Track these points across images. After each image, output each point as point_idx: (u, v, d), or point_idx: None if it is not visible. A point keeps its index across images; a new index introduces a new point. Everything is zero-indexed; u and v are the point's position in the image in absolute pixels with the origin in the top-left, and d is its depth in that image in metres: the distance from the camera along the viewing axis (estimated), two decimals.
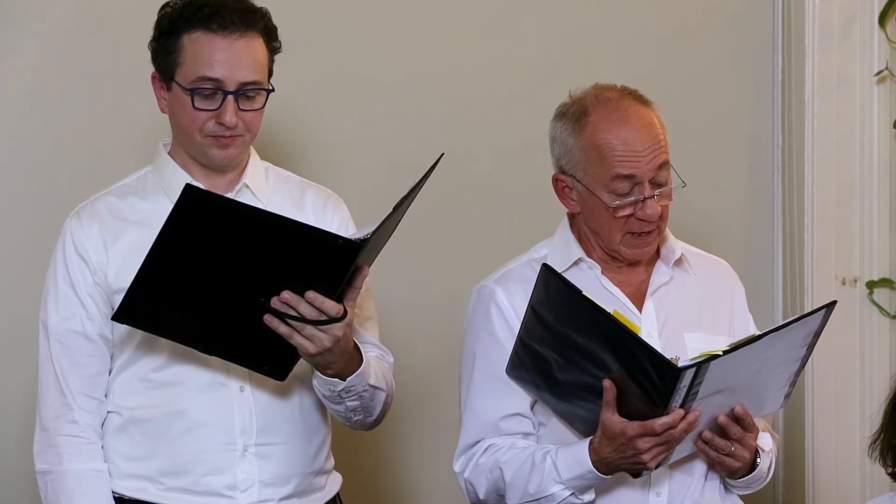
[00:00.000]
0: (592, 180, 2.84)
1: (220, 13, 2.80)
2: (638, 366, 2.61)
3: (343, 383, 2.78)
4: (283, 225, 2.61)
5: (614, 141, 2.82)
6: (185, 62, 2.81)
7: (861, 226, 3.95)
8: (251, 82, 2.82)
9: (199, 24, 2.80)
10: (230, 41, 2.80)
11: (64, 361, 2.85)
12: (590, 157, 2.84)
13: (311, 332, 2.67)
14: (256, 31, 2.83)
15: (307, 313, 2.65)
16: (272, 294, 2.65)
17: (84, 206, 2.91)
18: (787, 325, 2.68)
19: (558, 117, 2.91)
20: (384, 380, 2.90)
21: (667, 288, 2.93)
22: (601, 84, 2.92)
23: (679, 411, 2.64)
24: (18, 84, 3.50)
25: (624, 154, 2.81)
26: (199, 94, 2.81)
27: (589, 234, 2.92)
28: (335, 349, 2.70)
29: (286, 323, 2.66)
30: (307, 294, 2.64)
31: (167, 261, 2.64)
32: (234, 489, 2.84)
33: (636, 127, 2.83)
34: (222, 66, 2.79)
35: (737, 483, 2.89)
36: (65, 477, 2.83)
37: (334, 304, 2.66)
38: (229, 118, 2.81)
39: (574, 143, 2.86)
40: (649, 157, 2.82)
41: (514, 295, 2.89)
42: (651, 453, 2.69)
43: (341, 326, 2.68)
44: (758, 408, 2.79)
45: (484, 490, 2.86)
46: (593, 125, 2.84)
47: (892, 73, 3.91)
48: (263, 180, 2.94)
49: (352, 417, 2.88)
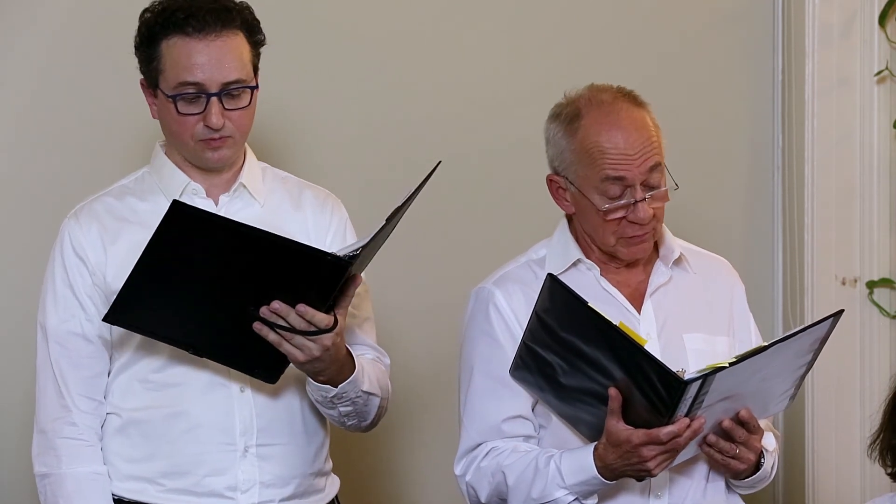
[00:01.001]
0: (584, 182, 2.83)
1: (195, 16, 2.77)
2: (643, 377, 2.60)
3: (335, 390, 2.78)
4: (271, 241, 2.61)
5: (605, 144, 2.80)
6: (165, 69, 2.80)
7: (861, 226, 3.95)
8: (233, 81, 2.79)
9: (175, 29, 2.78)
10: (207, 42, 2.78)
11: (63, 363, 2.85)
12: (581, 160, 2.83)
13: (301, 341, 2.67)
14: (234, 29, 2.81)
15: (297, 324, 2.65)
16: (262, 303, 2.64)
17: (82, 207, 2.90)
18: (795, 335, 2.68)
19: (552, 118, 2.90)
20: (378, 385, 2.89)
21: (665, 288, 2.92)
22: (596, 85, 2.90)
23: (684, 420, 2.64)
24: (17, 85, 3.49)
25: (614, 157, 2.80)
26: (183, 100, 2.79)
27: (586, 234, 2.91)
28: (325, 357, 2.70)
29: (275, 331, 2.66)
30: (297, 307, 2.64)
31: (155, 271, 2.64)
32: (234, 490, 2.84)
33: (628, 130, 2.81)
34: (202, 69, 2.77)
35: (741, 484, 2.88)
36: (64, 480, 2.83)
37: (324, 316, 2.66)
38: (215, 120, 2.79)
39: (566, 146, 2.85)
40: (640, 160, 2.80)
41: (512, 296, 2.88)
42: (656, 461, 2.68)
43: (331, 336, 2.68)
44: (762, 410, 2.78)
45: (486, 494, 2.85)
46: (585, 129, 2.83)
47: (892, 73, 3.91)
48: (260, 180, 2.93)
49: (346, 422, 2.87)
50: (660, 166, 2.84)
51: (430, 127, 3.73)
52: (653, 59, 3.88)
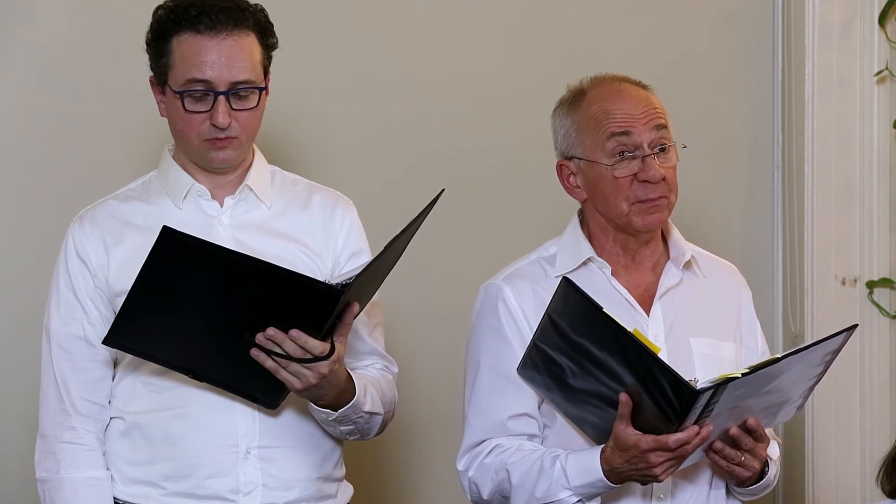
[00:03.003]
0: (591, 149, 2.84)
1: (207, 13, 2.77)
2: (655, 384, 2.60)
3: (335, 413, 2.78)
4: (261, 269, 2.59)
5: (610, 107, 2.84)
6: (175, 65, 2.79)
7: (861, 226, 3.95)
8: (242, 81, 2.78)
9: (187, 25, 2.77)
10: (218, 41, 2.77)
11: (64, 366, 2.84)
12: (586, 128, 2.85)
13: (297, 369, 2.66)
14: (247, 29, 2.80)
15: (291, 351, 2.64)
16: (258, 329, 2.63)
17: (87, 211, 2.90)
18: (808, 348, 2.68)
19: (556, 107, 2.93)
20: (382, 401, 2.88)
21: (675, 291, 2.92)
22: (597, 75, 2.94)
23: (693, 428, 2.64)
24: (21, 87, 3.49)
25: (618, 116, 2.83)
26: (191, 97, 2.78)
27: (601, 225, 2.90)
28: (323, 385, 2.70)
29: (272, 358, 2.65)
30: (290, 332, 2.63)
31: (150, 296, 2.64)
32: (236, 492, 2.82)
33: (632, 96, 2.85)
34: (211, 67, 2.76)
35: (743, 491, 2.88)
36: (62, 485, 2.82)
37: (319, 343, 2.65)
38: (221, 119, 2.78)
39: (570, 123, 2.87)
40: (645, 119, 2.83)
41: (521, 293, 2.87)
42: (663, 467, 2.68)
43: (327, 364, 2.66)
44: (770, 420, 2.79)
45: (488, 491, 2.85)
46: (589, 100, 2.86)
47: (892, 73, 3.91)
48: (268, 183, 2.92)
49: (348, 437, 2.88)
50: (666, 128, 2.85)
51: (437, 129, 3.73)
52: (653, 59, 3.87)
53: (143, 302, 2.64)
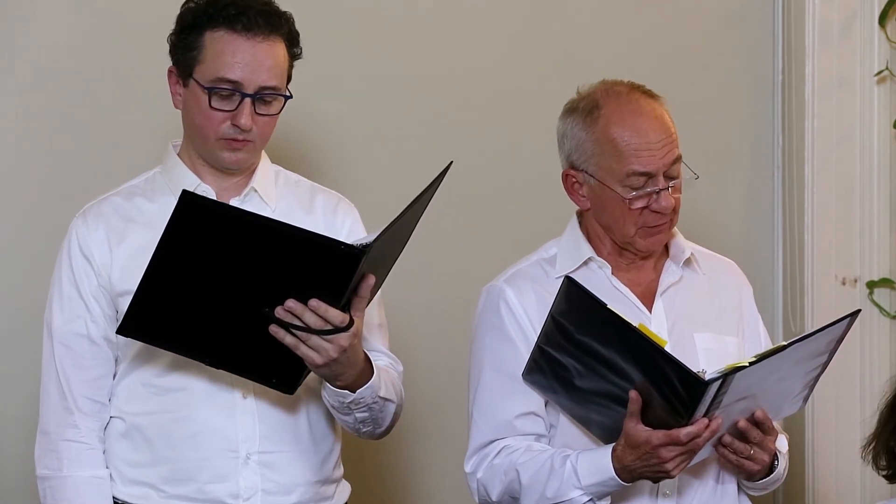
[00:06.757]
0: (606, 174, 2.83)
1: (245, 14, 2.77)
2: (663, 378, 2.60)
3: (353, 395, 2.75)
4: (281, 231, 2.57)
5: (629, 134, 2.81)
6: (205, 60, 2.78)
7: (861, 226, 3.95)
8: (270, 87, 2.79)
9: (224, 22, 2.77)
10: (253, 43, 2.77)
11: (66, 364, 2.83)
12: (604, 151, 2.83)
13: (317, 342, 2.63)
14: (279, 36, 2.80)
15: (311, 322, 2.61)
16: (277, 303, 2.61)
17: (90, 207, 2.88)
18: (813, 335, 2.69)
19: (568, 113, 2.90)
20: (394, 391, 2.86)
21: (676, 287, 2.92)
22: (609, 80, 2.91)
23: (703, 420, 2.64)
24: (23, 84, 3.48)
25: (639, 150, 2.81)
26: (217, 94, 2.78)
27: (599, 230, 2.90)
28: (343, 360, 2.67)
29: (291, 333, 2.63)
30: (310, 302, 2.60)
31: (168, 270, 2.61)
32: (236, 497, 2.81)
33: (649, 118, 2.83)
34: (243, 68, 2.76)
35: (754, 486, 2.89)
36: (64, 484, 2.81)
37: (339, 313, 2.62)
38: (245, 121, 2.78)
39: (586, 137, 2.85)
40: (664, 152, 2.82)
41: (523, 294, 2.88)
42: (675, 462, 2.68)
43: (347, 336, 2.64)
44: (777, 412, 2.79)
45: (497, 492, 2.84)
46: (606, 118, 2.84)
47: (892, 73, 3.91)
48: (273, 185, 2.92)
49: (361, 429, 2.84)
50: (680, 159, 2.86)
51: (440, 130, 3.73)
52: (653, 59, 3.88)
53: (159, 278, 2.61)
